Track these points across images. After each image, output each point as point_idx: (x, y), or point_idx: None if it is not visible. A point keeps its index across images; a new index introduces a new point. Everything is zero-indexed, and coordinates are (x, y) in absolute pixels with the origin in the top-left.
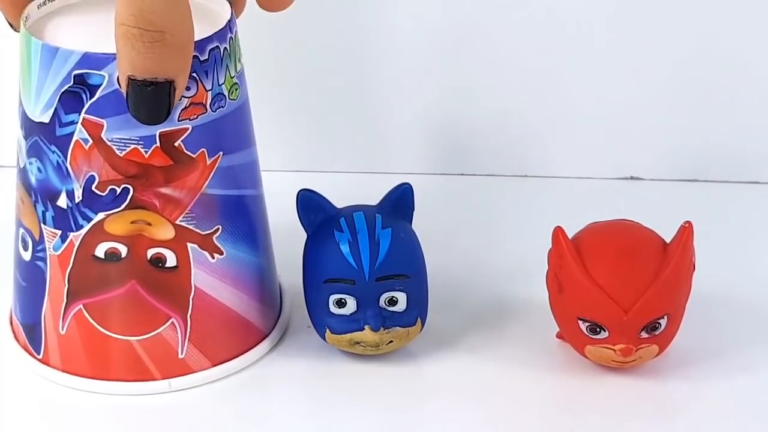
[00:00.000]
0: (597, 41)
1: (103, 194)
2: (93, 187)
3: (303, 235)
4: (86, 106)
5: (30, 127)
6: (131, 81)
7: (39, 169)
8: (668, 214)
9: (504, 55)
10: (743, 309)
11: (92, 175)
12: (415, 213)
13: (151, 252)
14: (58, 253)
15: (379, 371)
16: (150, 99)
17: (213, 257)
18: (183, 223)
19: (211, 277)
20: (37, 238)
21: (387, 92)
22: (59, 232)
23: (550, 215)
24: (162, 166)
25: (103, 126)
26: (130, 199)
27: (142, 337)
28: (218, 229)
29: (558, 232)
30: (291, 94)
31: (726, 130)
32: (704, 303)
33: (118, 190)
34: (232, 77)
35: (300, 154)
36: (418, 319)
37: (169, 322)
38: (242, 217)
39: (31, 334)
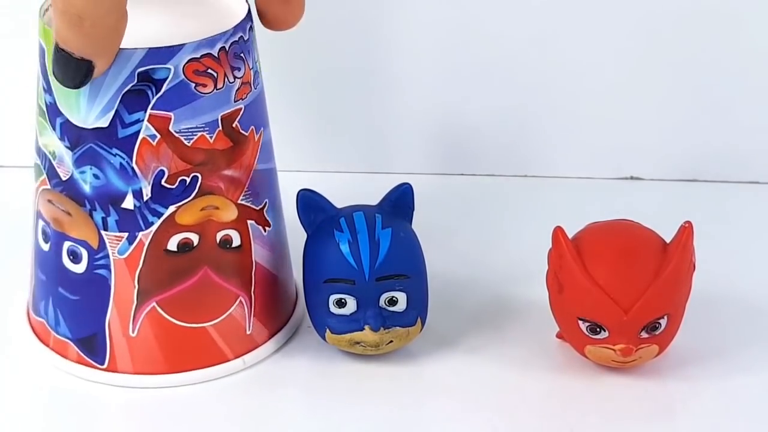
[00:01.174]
0: (597, 41)
1: (173, 187)
2: (162, 182)
3: (303, 235)
4: (152, 102)
5: (80, 135)
6: (55, 44)
7: (96, 176)
8: (668, 214)
9: (504, 55)
10: (743, 309)
11: (161, 170)
12: (415, 213)
13: (219, 235)
14: (125, 256)
15: (379, 371)
16: (64, 66)
17: (265, 230)
18: (243, 202)
19: (265, 249)
20: (95, 246)
21: (387, 92)
22: (125, 235)
23: (550, 215)
24: (224, 148)
25: (170, 119)
26: (199, 187)
27: (215, 321)
28: (266, 203)
29: (558, 232)
30: (291, 95)
31: (726, 130)
32: (704, 303)
33: (188, 180)
34: (258, 53)
35: (300, 154)
36: (418, 319)
37: (238, 301)
38: (275, 189)
39: (89, 345)
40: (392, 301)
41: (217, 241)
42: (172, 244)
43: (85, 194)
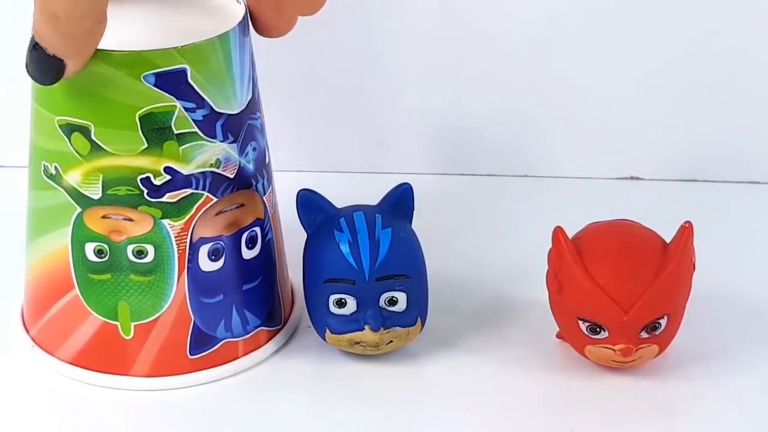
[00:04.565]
0: (597, 41)
1: None
2: None
3: (303, 235)
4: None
5: (240, 122)
6: (31, 37)
7: (254, 149)
8: (668, 214)
9: (504, 55)
10: (743, 309)
11: None
12: (415, 213)
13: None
14: (274, 210)
15: (379, 371)
16: (37, 61)
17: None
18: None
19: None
20: (263, 217)
21: (387, 92)
22: (270, 188)
23: (550, 215)
24: None
25: None
26: None
27: None
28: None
29: (558, 232)
30: (291, 95)
31: (726, 130)
32: (704, 303)
33: None
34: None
35: (300, 154)
36: (418, 319)
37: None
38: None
39: (272, 318)
40: (392, 301)
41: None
42: None
43: (251, 173)
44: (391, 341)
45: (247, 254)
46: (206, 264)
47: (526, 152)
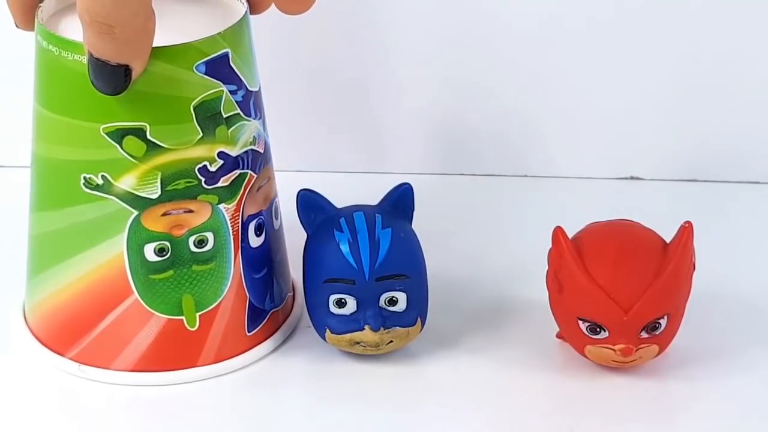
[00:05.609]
0: (597, 41)
1: None
2: None
3: (303, 235)
4: None
5: (258, 96)
6: (90, 55)
7: (264, 126)
8: (668, 214)
9: (504, 55)
10: (743, 309)
11: None
12: (415, 213)
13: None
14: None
15: (379, 371)
16: (103, 75)
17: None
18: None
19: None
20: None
21: (387, 92)
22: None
23: (550, 215)
24: None
25: None
26: None
27: None
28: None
29: (558, 232)
30: (291, 95)
31: (726, 130)
32: (704, 303)
33: None
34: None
35: (300, 154)
36: (418, 319)
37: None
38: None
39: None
40: (392, 301)
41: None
42: None
43: (269, 148)
44: (391, 341)
45: (276, 225)
46: (254, 240)
47: (526, 152)
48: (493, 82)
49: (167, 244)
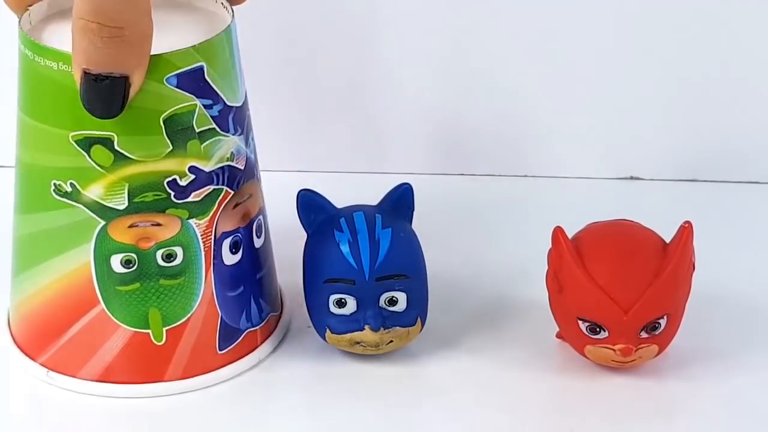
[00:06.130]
0: (597, 41)
1: None
2: None
3: (303, 235)
4: None
5: (242, 113)
6: (86, 75)
7: (252, 138)
8: (668, 214)
9: (504, 55)
10: (743, 309)
11: None
12: (415, 213)
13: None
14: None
15: (379, 371)
16: (104, 93)
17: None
18: None
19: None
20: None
21: (387, 92)
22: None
23: (550, 215)
24: None
25: None
26: None
27: None
28: None
29: (558, 232)
30: (291, 94)
31: (726, 130)
32: (704, 303)
33: None
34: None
35: (300, 154)
36: (418, 319)
37: None
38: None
39: (275, 305)
40: (392, 301)
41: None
42: None
43: (253, 164)
44: (391, 341)
45: (257, 243)
46: (228, 258)
47: (526, 152)
48: (493, 82)
49: (134, 256)
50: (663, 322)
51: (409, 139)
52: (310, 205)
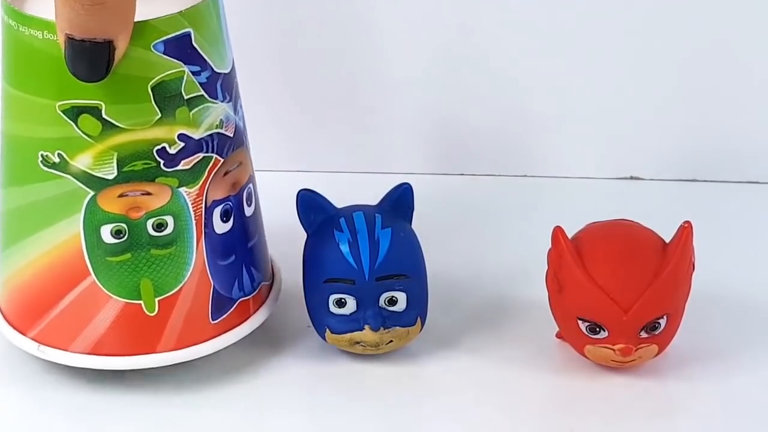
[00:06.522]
0: (597, 41)
1: None
2: None
3: (303, 235)
4: None
5: (230, 79)
6: (69, 40)
7: (241, 106)
8: (668, 214)
9: (504, 55)
10: (743, 309)
11: None
12: (415, 213)
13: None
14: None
15: (379, 371)
16: (88, 57)
17: None
18: None
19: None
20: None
21: (387, 92)
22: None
23: (550, 215)
24: None
25: None
26: None
27: None
28: None
29: (558, 232)
30: (291, 94)
31: (726, 130)
32: (704, 303)
33: None
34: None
35: (300, 154)
36: (418, 319)
37: None
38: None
39: (268, 275)
40: (392, 301)
41: None
42: None
43: (242, 131)
44: (391, 341)
45: (248, 211)
46: (220, 226)
47: (526, 152)
48: (493, 82)
49: (124, 226)
50: (663, 322)
51: (409, 138)
52: (310, 205)
